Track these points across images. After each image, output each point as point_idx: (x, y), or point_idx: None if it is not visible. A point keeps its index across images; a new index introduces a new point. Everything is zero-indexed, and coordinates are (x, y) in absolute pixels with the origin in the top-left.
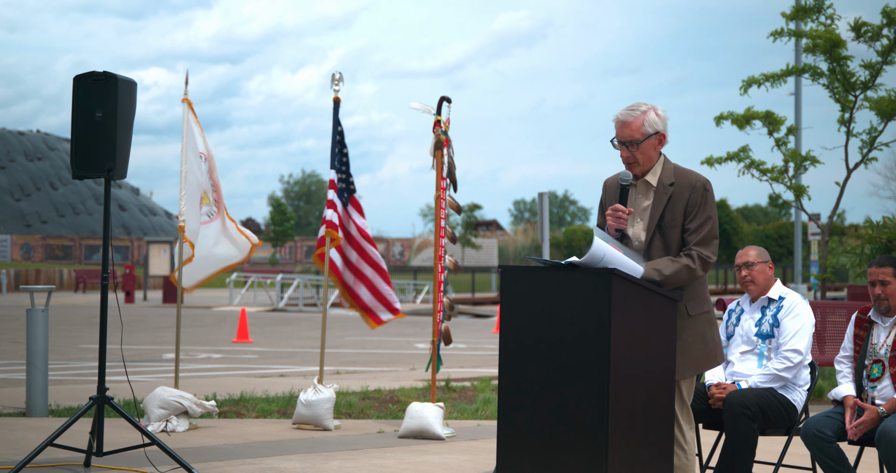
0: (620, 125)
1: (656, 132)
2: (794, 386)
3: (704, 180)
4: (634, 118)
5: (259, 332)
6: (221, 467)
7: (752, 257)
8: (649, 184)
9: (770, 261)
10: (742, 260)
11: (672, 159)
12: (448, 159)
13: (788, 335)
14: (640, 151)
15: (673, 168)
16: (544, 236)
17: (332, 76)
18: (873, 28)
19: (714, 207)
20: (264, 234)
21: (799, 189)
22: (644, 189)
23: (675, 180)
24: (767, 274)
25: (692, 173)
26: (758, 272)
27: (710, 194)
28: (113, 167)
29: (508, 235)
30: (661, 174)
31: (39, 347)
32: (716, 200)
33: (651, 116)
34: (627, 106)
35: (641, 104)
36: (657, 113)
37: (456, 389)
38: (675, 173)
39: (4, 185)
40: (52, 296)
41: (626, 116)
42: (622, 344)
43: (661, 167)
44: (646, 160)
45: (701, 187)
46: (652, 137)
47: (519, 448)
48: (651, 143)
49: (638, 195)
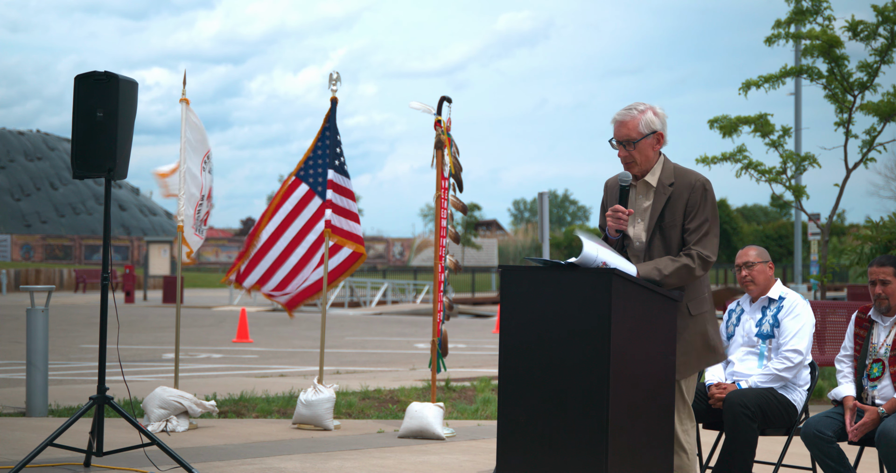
0: (618, 125)
1: (654, 132)
2: (794, 386)
3: (704, 180)
4: (632, 118)
5: (259, 332)
6: (221, 467)
7: (752, 257)
8: (649, 184)
9: (770, 261)
10: (742, 260)
11: (673, 159)
12: (452, 160)
13: (789, 335)
14: (637, 151)
15: (673, 168)
16: (544, 236)
17: (330, 76)
18: (869, 26)
19: (714, 206)
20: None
21: (798, 190)
22: (644, 190)
23: (675, 180)
24: (768, 274)
25: (692, 173)
26: (758, 272)
27: (711, 193)
28: (113, 167)
29: (508, 235)
30: (661, 175)
31: (39, 347)
32: (716, 199)
33: (649, 116)
34: (626, 106)
35: (640, 104)
36: (655, 112)
37: (456, 389)
38: (675, 173)
39: (4, 185)
40: (52, 296)
41: (624, 116)
42: (622, 344)
43: (661, 168)
44: (644, 160)
45: (701, 186)
46: (649, 136)
47: (519, 448)
48: (648, 142)
49: (638, 196)
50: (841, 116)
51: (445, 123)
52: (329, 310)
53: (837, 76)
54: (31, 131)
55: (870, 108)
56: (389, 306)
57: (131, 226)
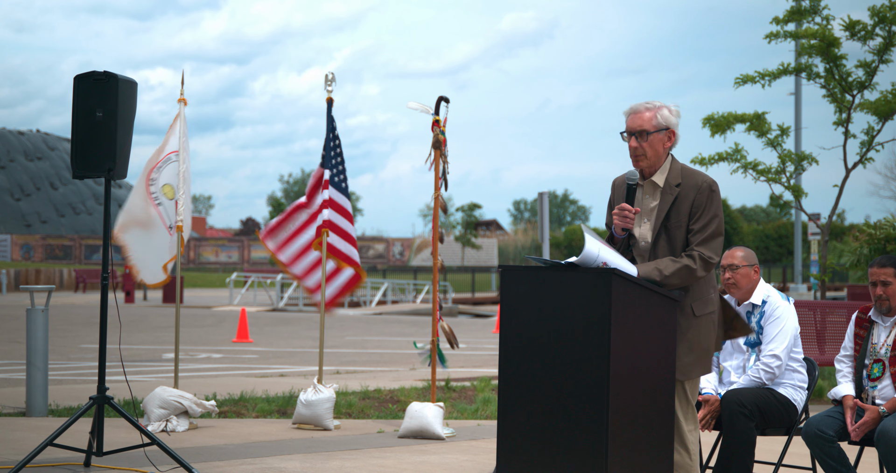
0: (633, 116)
1: (667, 128)
2: (794, 386)
3: (711, 181)
4: (647, 110)
5: (259, 332)
6: (221, 467)
7: (737, 260)
8: (656, 184)
9: (756, 264)
10: (727, 262)
11: (678, 159)
12: (443, 158)
13: (767, 340)
14: (648, 144)
15: (680, 169)
16: (544, 236)
17: (326, 77)
18: (866, 27)
19: (720, 207)
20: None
21: (797, 189)
22: (651, 190)
23: (682, 181)
24: (752, 278)
25: (699, 174)
26: (741, 276)
27: (717, 194)
28: (113, 167)
29: (508, 235)
30: (669, 175)
31: (39, 347)
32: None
33: (664, 112)
34: (643, 101)
35: (656, 101)
36: (670, 110)
37: (456, 389)
38: (682, 174)
39: (4, 185)
40: (52, 296)
41: (639, 108)
42: (622, 344)
43: (669, 168)
44: (653, 154)
45: (707, 187)
46: (662, 131)
47: (519, 448)
48: (660, 137)
49: (645, 196)
50: (840, 116)
51: (442, 123)
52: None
53: (836, 76)
54: (31, 131)
55: (868, 107)
56: (389, 305)
57: None
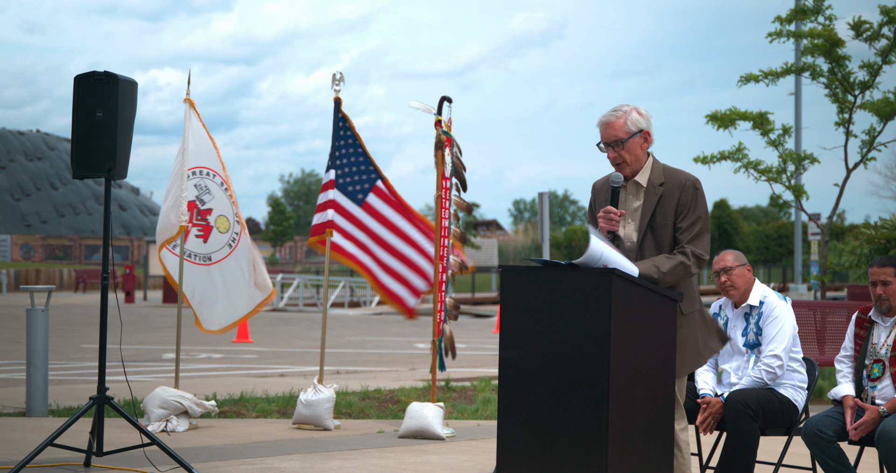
0: (604, 127)
1: (640, 131)
2: (794, 386)
3: (694, 179)
4: (617, 118)
5: (259, 332)
6: (221, 467)
7: (729, 262)
8: (639, 185)
9: (747, 263)
10: (720, 266)
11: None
12: (454, 159)
13: (766, 341)
14: (626, 151)
15: (662, 168)
16: (544, 236)
17: (333, 76)
18: (873, 27)
19: (705, 205)
20: (263, 234)
21: (798, 189)
22: (634, 190)
23: (665, 180)
24: (747, 277)
25: (682, 173)
26: (737, 276)
27: (701, 192)
28: (113, 167)
29: (508, 235)
30: (651, 175)
31: (39, 347)
32: (716, 200)
33: (634, 116)
34: (609, 109)
35: (623, 105)
36: (640, 112)
37: (456, 389)
38: (664, 173)
39: (4, 185)
40: (52, 296)
41: (609, 117)
42: (622, 344)
43: (651, 168)
44: (633, 159)
45: (691, 185)
46: (636, 135)
47: (519, 448)
48: (636, 141)
49: (628, 196)
50: (841, 116)
51: (446, 123)
52: (329, 310)
53: (839, 76)
54: (31, 131)
55: (870, 107)
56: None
57: (131, 226)
